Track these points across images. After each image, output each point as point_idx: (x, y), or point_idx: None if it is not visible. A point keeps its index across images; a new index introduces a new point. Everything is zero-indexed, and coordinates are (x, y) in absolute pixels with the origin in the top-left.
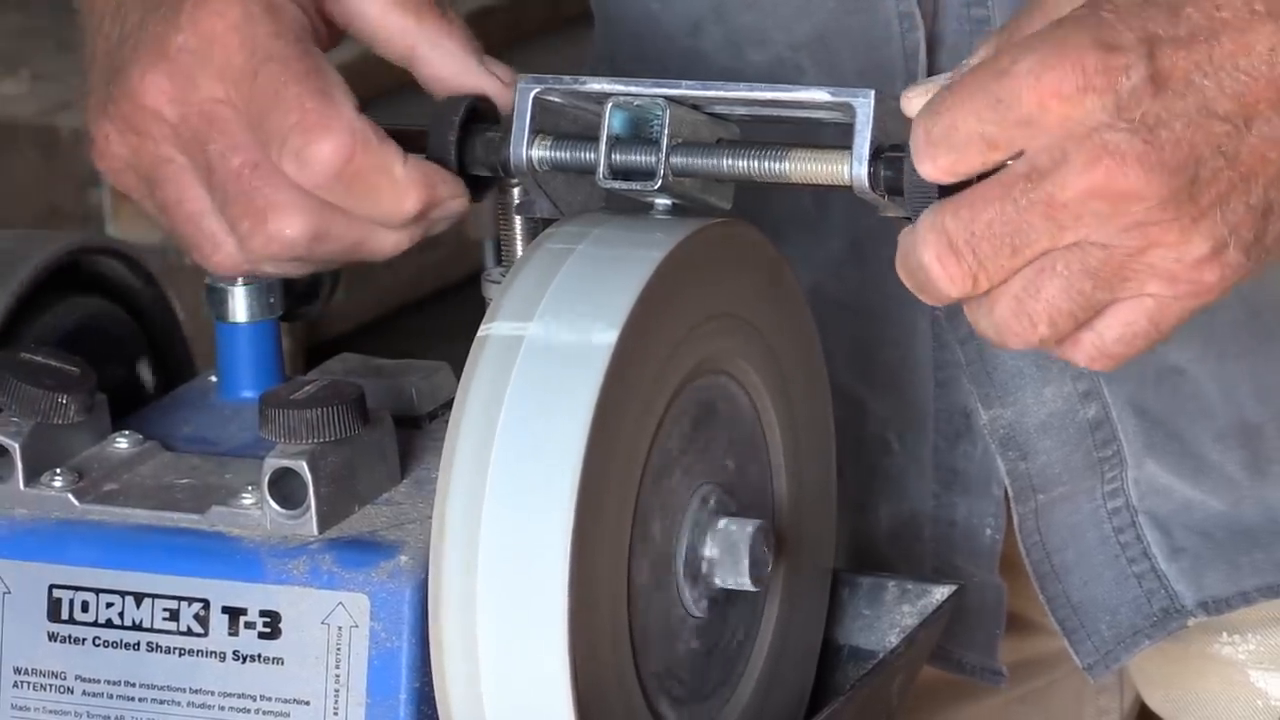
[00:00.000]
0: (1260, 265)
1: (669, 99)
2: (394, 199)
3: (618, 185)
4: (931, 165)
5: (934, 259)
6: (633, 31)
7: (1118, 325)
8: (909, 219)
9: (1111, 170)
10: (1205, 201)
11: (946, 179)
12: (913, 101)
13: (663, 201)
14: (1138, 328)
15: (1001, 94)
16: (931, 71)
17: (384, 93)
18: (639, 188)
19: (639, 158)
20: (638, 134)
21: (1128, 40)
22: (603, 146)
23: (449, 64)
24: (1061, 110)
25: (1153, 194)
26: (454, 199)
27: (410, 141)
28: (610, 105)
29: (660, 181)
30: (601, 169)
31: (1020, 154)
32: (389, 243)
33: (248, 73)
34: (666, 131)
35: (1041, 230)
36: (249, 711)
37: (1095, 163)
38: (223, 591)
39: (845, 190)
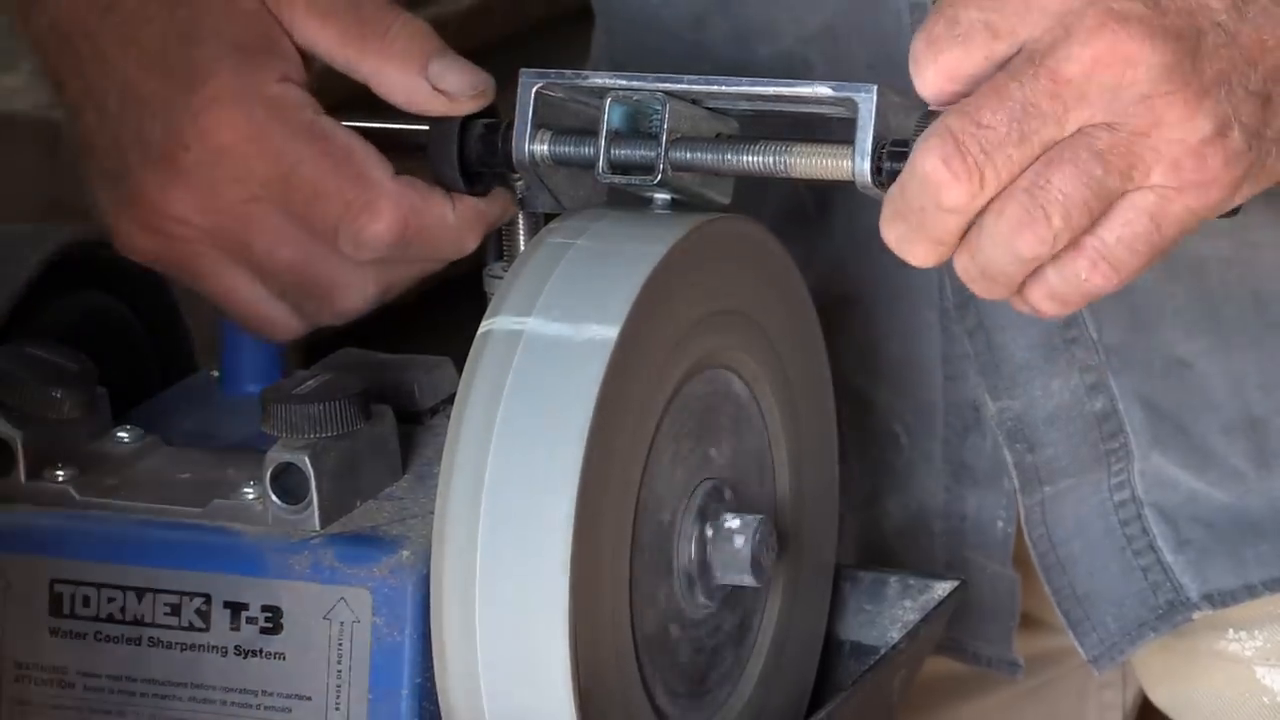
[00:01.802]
0: (1260, 168)
1: (669, 94)
2: (454, 244)
3: (617, 180)
4: (933, 68)
5: (938, 162)
6: (633, 27)
7: (1117, 225)
8: None
9: (1116, 34)
10: (1208, 75)
11: (949, 84)
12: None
13: (662, 196)
14: (1138, 226)
15: None
16: None
17: None
18: (638, 182)
19: (638, 152)
20: (637, 129)
21: None
22: (602, 141)
23: (396, 93)
24: None
25: (1157, 59)
26: (504, 216)
27: (412, 140)
28: (609, 100)
29: (659, 176)
30: (601, 164)
31: (1020, 49)
32: (444, 264)
33: (277, 180)
34: (666, 126)
35: (1047, 112)
36: (251, 706)
37: (1099, 29)
38: (224, 586)
39: (847, 185)
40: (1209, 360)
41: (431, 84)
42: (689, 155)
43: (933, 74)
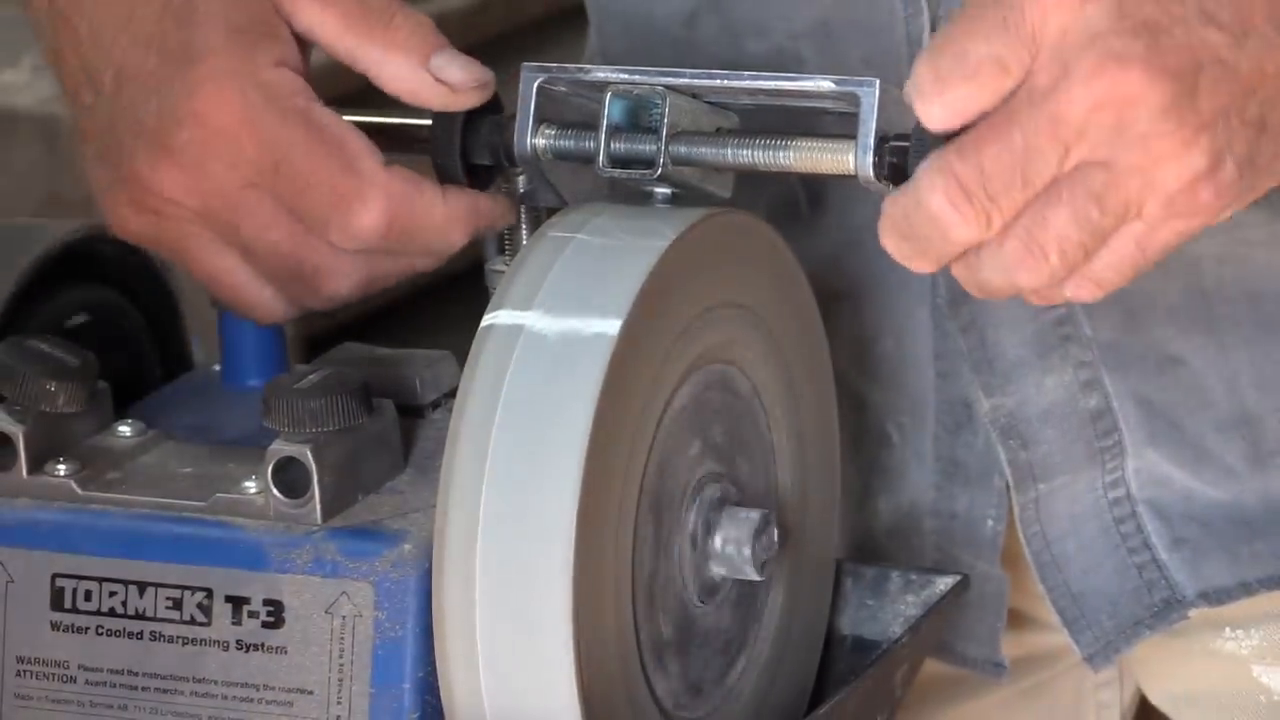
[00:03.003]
0: (1250, 190)
1: (669, 88)
2: (441, 239)
3: (617, 174)
4: (941, 105)
5: (946, 203)
6: (625, 24)
7: (1105, 252)
8: None
9: (1115, 76)
10: (1206, 111)
11: (956, 120)
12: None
13: (662, 190)
14: (1124, 252)
15: (1005, 12)
16: None
17: None
18: (638, 177)
19: (639, 147)
20: (638, 123)
21: None
22: (602, 135)
23: (397, 82)
24: (1062, 20)
25: (1155, 99)
26: (499, 220)
27: (414, 135)
28: (610, 94)
29: (660, 170)
30: (601, 158)
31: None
32: (434, 261)
33: (267, 167)
34: (666, 121)
35: (1049, 153)
36: (252, 701)
37: (1099, 70)
38: (226, 580)
39: (844, 180)
40: (1203, 358)
41: (434, 76)
42: (689, 150)
43: (940, 109)
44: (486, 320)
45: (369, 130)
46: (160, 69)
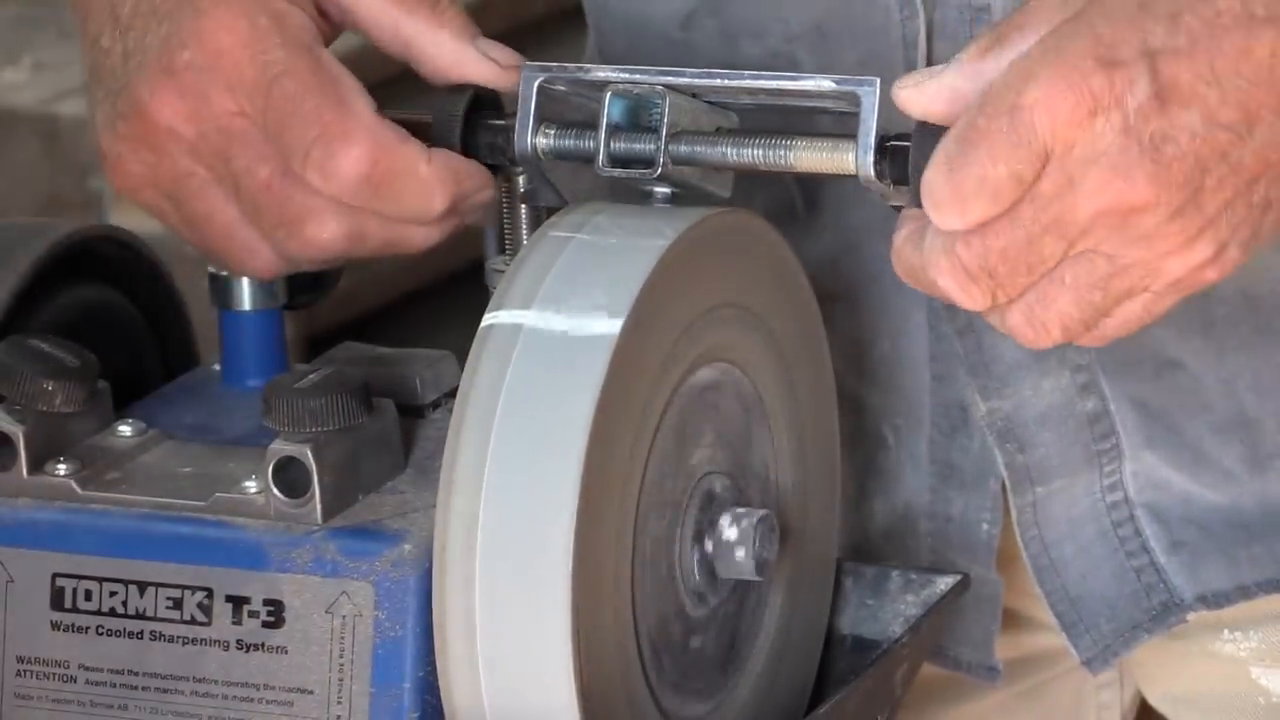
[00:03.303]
0: (1254, 253)
1: (669, 87)
2: (421, 199)
3: (617, 174)
4: (961, 219)
5: (952, 284)
6: (622, 25)
7: (1109, 318)
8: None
9: (1121, 189)
10: (1211, 210)
11: (972, 227)
12: (904, 92)
13: (662, 190)
14: (1131, 315)
15: (1019, 131)
16: (931, 61)
17: (387, 80)
18: (638, 176)
19: (639, 146)
20: (638, 123)
21: (1128, 54)
22: (602, 135)
23: (444, 55)
24: (1070, 134)
25: (1161, 209)
26: (481, 190)
27: (414, 131)
28: (609, 94)
29: (660, 170)
30: (601, 157)
31: None
32: (423, 237)
33: (261, 88)
34: (666, 120)
35: (1054, 248)
36: (252, 700)
37: (1105, 185)
38: (226, 580)
39: (841, 181)
40: (1201, 361)
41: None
42: (689, 149)
43: (958, 221)
44: (487, 320)
45: None
46: None
